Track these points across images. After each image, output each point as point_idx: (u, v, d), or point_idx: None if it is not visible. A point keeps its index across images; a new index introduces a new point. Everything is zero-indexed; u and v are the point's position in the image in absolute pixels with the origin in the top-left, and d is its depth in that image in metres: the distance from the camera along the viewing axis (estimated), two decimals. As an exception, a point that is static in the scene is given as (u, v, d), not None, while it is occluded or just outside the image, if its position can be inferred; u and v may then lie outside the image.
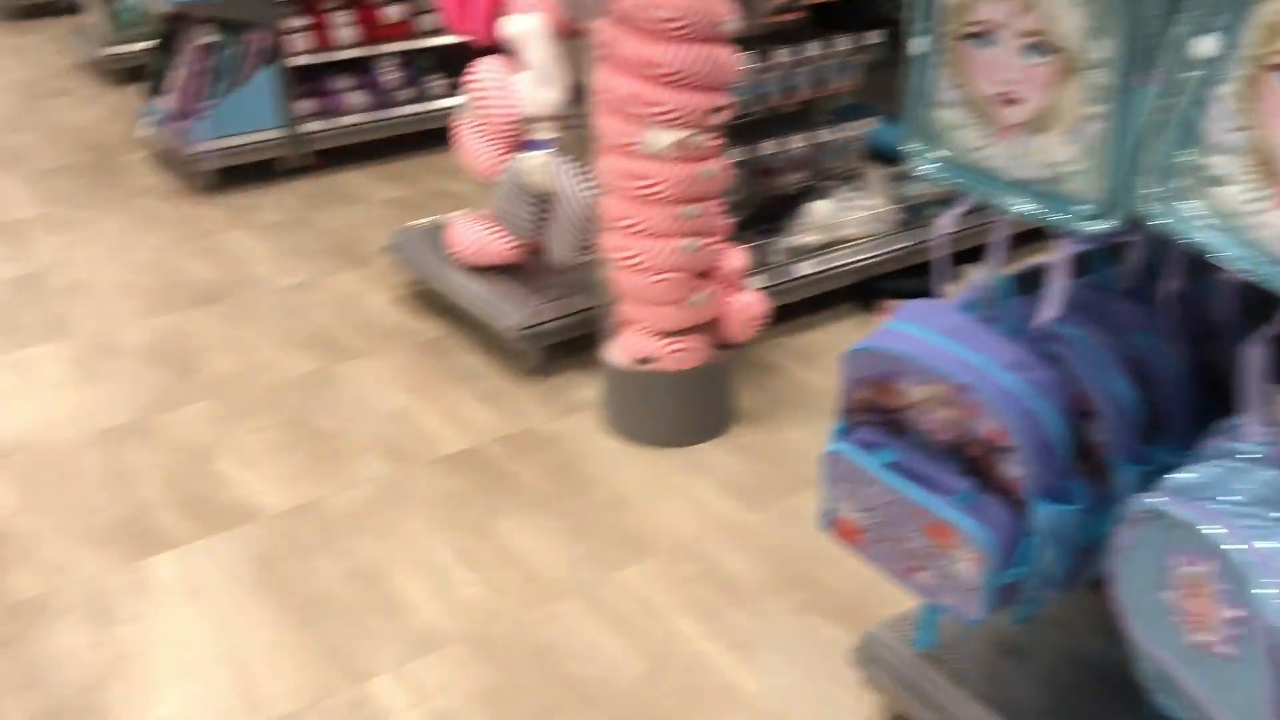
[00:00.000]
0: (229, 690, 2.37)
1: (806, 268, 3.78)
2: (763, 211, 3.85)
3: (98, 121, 6.21)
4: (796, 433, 3.25)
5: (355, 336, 3.90)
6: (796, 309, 3.78)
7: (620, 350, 3.20)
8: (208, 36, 5.09)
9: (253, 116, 5.21)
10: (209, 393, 3.54)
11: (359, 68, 5.54)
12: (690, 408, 3.24)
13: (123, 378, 3.63)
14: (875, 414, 1.85)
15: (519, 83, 3.45)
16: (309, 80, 5.37)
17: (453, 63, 5.18)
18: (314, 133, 5.36)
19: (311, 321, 4.01)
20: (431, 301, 4.10)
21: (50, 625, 2.56)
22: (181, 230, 4.84)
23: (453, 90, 5.12)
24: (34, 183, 5.45)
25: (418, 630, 2.53)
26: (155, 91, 5.48)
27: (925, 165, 1.75)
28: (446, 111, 4.86)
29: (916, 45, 1.71)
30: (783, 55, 3.64)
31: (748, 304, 3.22)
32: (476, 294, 3.70)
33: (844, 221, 3.90)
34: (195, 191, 5.27)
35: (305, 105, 5.37)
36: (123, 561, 2.76)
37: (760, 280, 3.55)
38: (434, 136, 5.18)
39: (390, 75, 5.61)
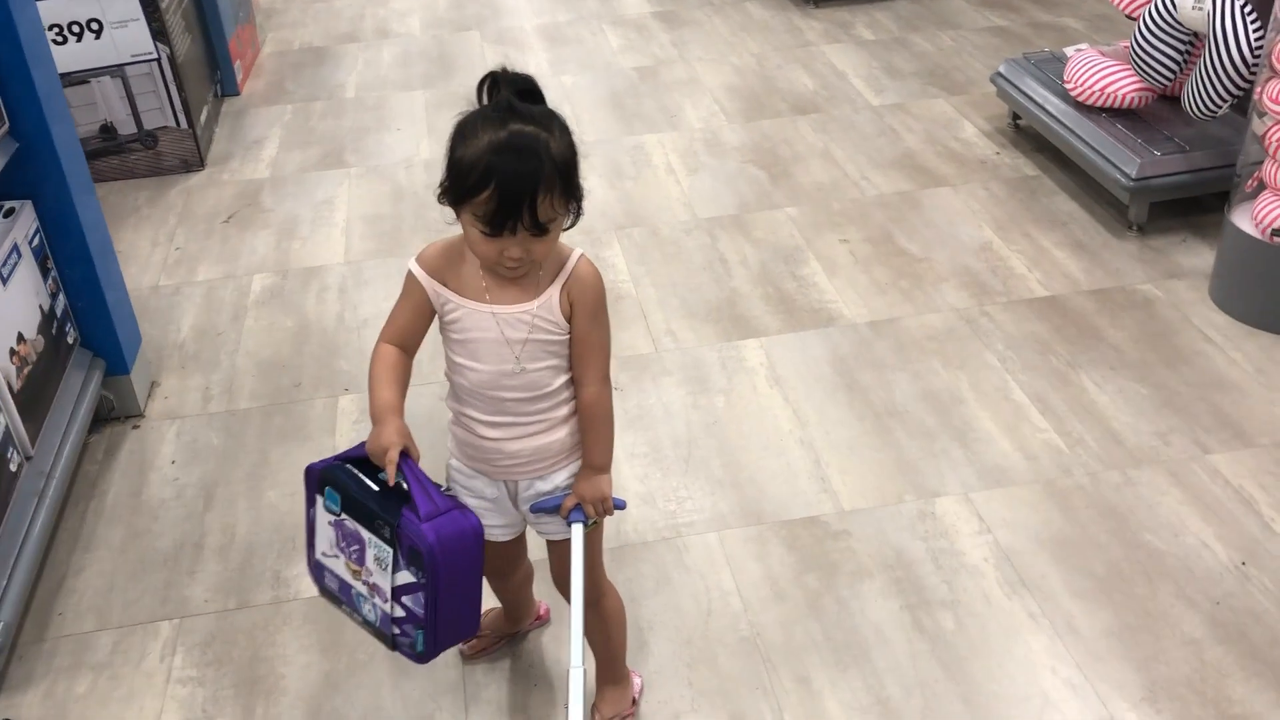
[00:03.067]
0: (805, 473, 2.53)
1: None
2: None
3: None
4: None
5: (944, 164, 3.84)
6: None
7: (1251, 218, 2.87)
8: None
9: (866, -71, 5.16)
10: (799, 199, 3.68)
11: (980, -117, 5.26)
12: (1323, 295, 2.86)
13: (723, 174, 3.87)
14: None
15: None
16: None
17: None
18: (922, -50, 5.21)
19: (901, 143, 4.00)
20: (1029, 138, 3.92)
21: (656, 381, 2.86)
22: (782, 39, 4.98)
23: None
24: (654, -19, 5.85)
25: (988, 463, 2.52)
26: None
27: None
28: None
29: None
30: None
31: None
32: (1086, 136, 3.47)
33: None
34: (797, 3, 5.39)
35: (918, -79, 5.22)
36: (717, 339, 3.00)
37: None
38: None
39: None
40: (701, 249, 3.42)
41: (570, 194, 1.57)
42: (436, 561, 1.55)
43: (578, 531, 1.70)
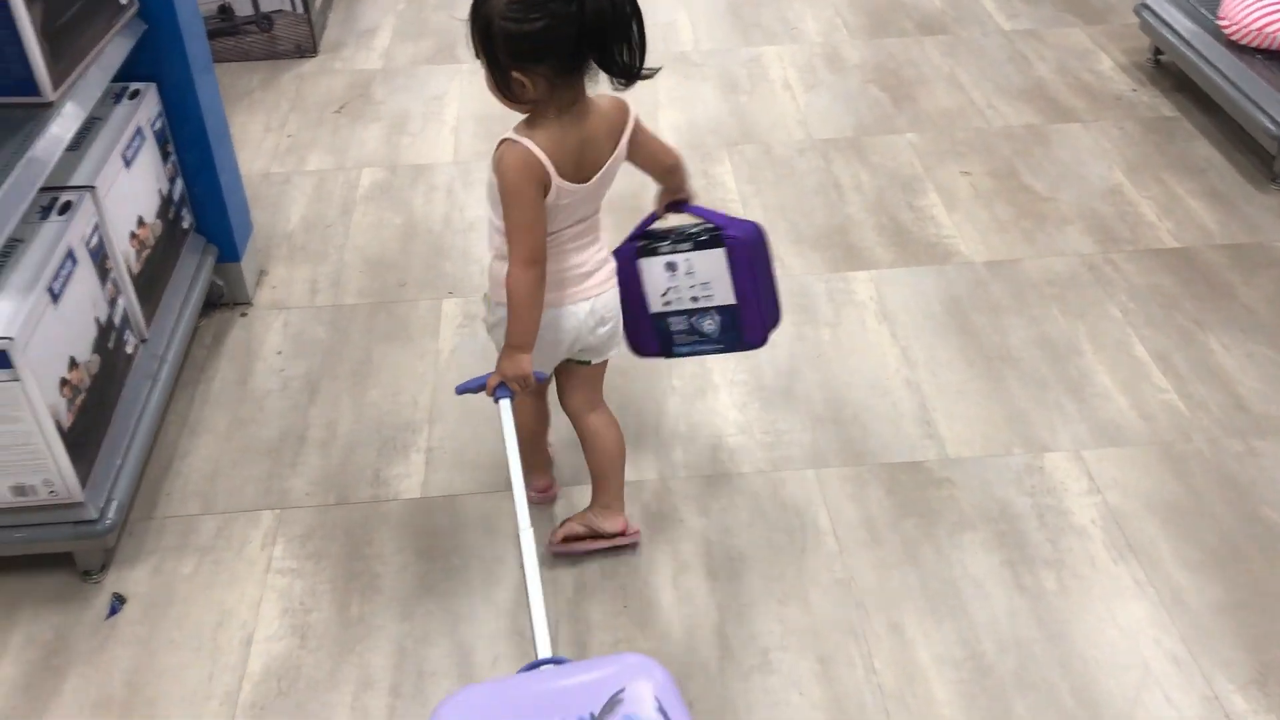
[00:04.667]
0: (910, 415, 2.46)
1: None
2: None
3: None
4: None
5: (1076, 98, 3.66)
6: None
7: None
8: None
9: None
10: (921, 124, 3.54)
11: None
12: None
13: (842, 93, 3.74)
14: None
15: None
16: None
17: None
18: None
19: (1032, 72, 3.81)
20: (1170, 75, 3.71)
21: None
22: (912, -48, 4.77)
23: None
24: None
25: (1103, 419, 2.44)
26: None
27: None
28: None
29: None
30: None
31: None
32: (1235, 77, 3.26)
33: None
34: (931, -87, 5.14)
35: None
36: (826, 268, 2.93)
37: None
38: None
39: None
40: (815, 171, 3.32)
41: (484, 50, 1.75)
42: (761, 243, 2.08)
43: (505, 406, 1.84)
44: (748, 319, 2.09)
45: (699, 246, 2.04)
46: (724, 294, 2.07)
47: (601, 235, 1.96)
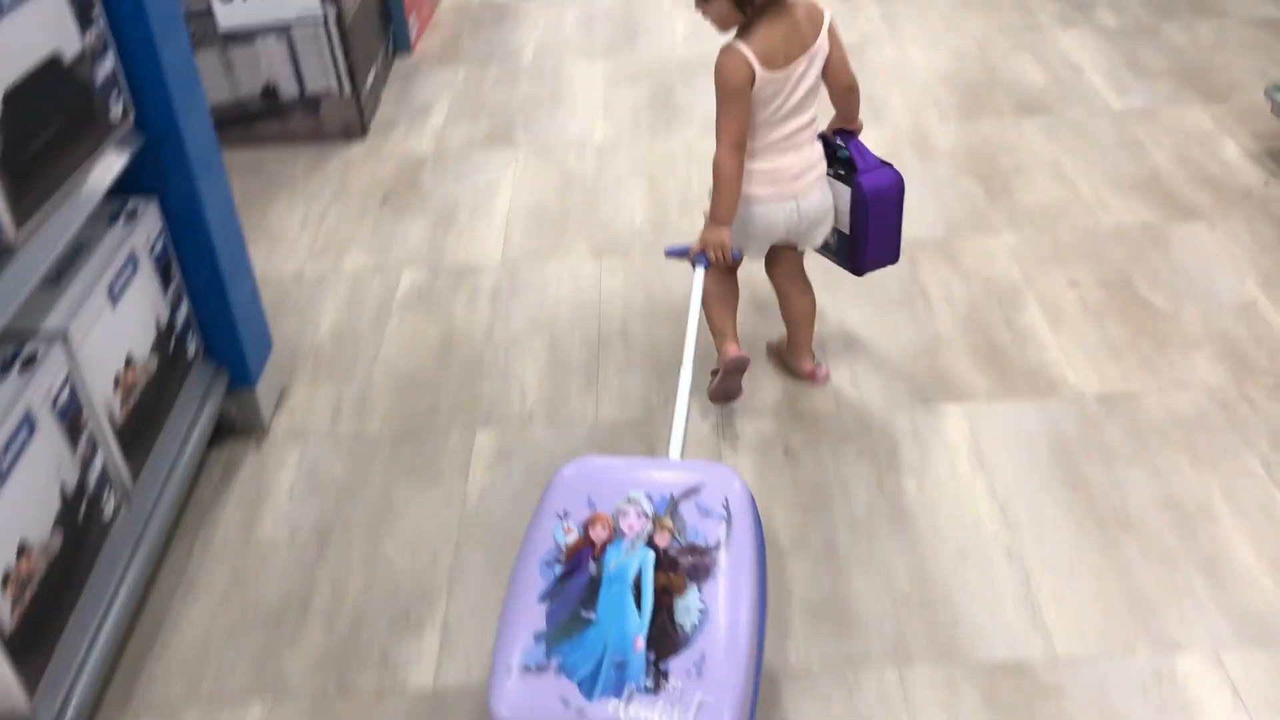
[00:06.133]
0: (1011, 595, 2.08)
1: None
2: None
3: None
4: None
5: (1199, 192, 3.24)
6: None
7: None
8: None
9: (1120, -105, 4.48)
10: (1021, 222, 3.16)
11: None
12: None
13: (930, 184, 3.38)
14: None
15: None
16: None
17: None
18: (1186, -78, 4.51)
19: (1146, 161, 3.41)
20: (1308, 167, 3.29)
21: (834, 449, 2.45)
22: (1009, 19, 4.39)
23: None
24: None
25: (1246, 610, 2.03)
26: None
27: None
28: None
29: None
30: None
31: None
32: (1390, 177, 2.85)
33: None
34: (1030, -25, 4.76)
35: (1184, -113, 4.51)
36: (911, 398, 2.56)
37: None
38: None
39: None
40: (899, 278, 2.96)
41: None
42: (887, 199, 2.38)
43: (699, 273, 2.26)
44: (857, 250, 2.43)
45: (837, 177, 2.36)
46: (844, 223, 2.41)
47: (814, 145, 2.29)
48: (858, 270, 2.49)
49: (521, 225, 3.30)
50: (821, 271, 2.63)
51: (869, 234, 2.39)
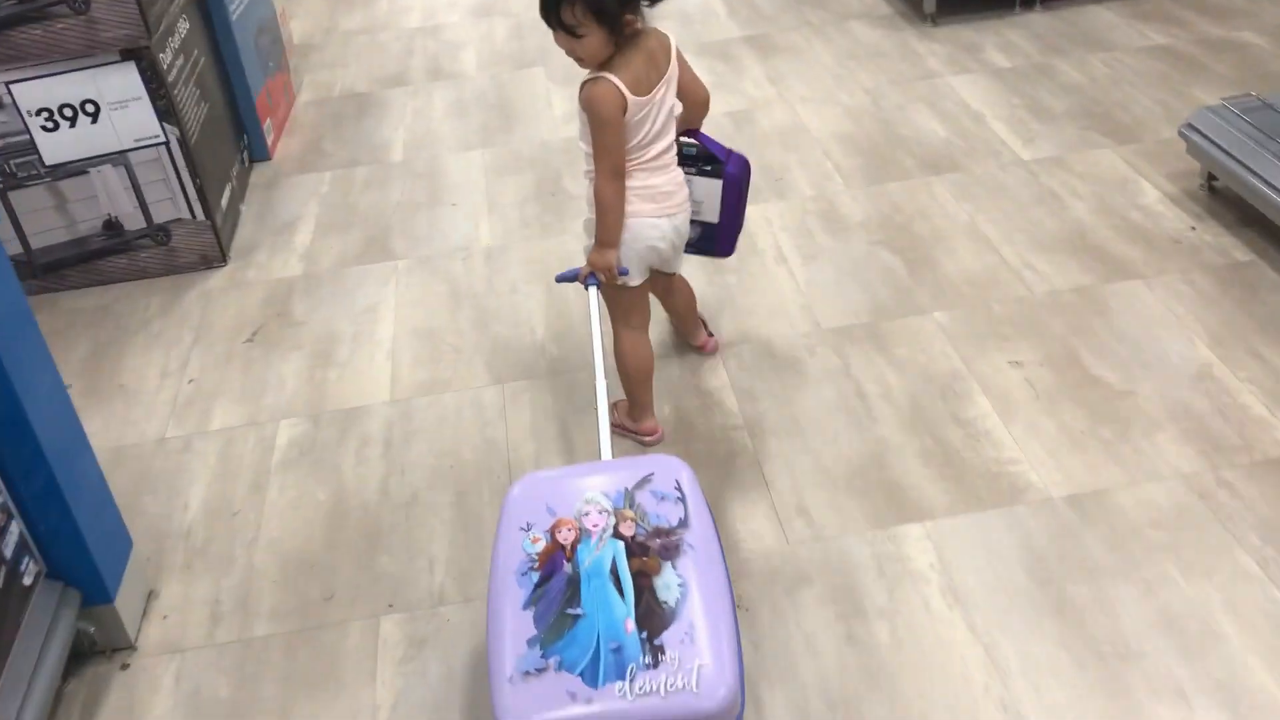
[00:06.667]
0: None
1: None
2: None
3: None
4: None
5: (1127, 245, 3.07)
6: None
7: None
8: None
9: (995, -67, 4.37)
10: (948, 297, 2.94)
11: None
12: None
13: (847, 261, 3.14)
14: None
15: None
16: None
17: None
18: (1062, -45, 4.41)
19: (1067, 215, 3.23)
20: (1231, 205, 3.14)
21: (791, 596, 2.17)
22: (899, 68, 4.22)
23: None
24: (741, -3, 5.12)
25: (1277, 750, 1.80)
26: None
27: None
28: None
29: None
30: None
31: None
32: (1327, 219, 2.70)
33: None
34: (912, 19, 4.62)
35: (1055, -81, 4.42)
36: (867, 522, 2.30)
37: None
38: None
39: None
40: (830, 375, 2.71)
41: (596, 10, 2.07)
42: (747, 178, 2.50)
43: (593, 293, 2.35)
44: (727, 234, 2.57)
45: (701, 174, 2.46)
46: (712, 213, 2.52)
47: (678, 169, 2.35)
48: (728, 251, 2.63)
49: (410, 353, 2.97)
50: (746, 379, 2.36)
51: (739, 214, 2.55)
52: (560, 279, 2.43)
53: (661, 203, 2.30)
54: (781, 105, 4.05)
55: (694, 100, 2.36)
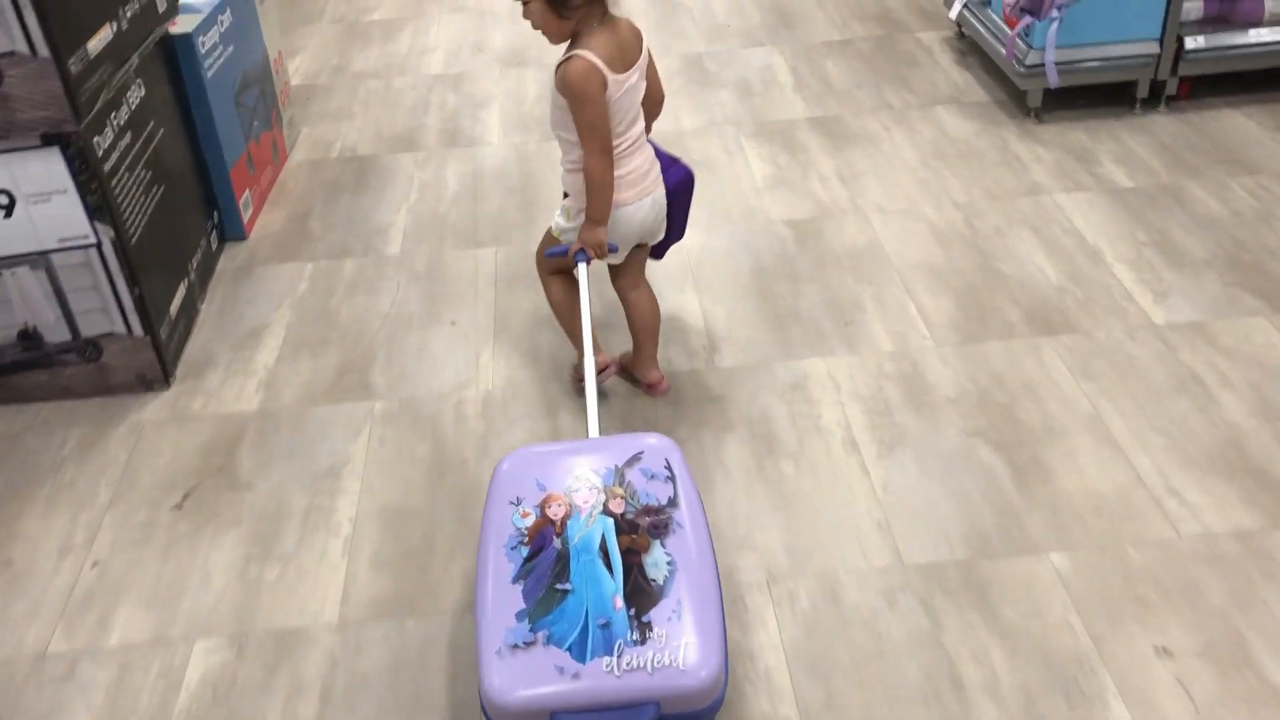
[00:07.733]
0: None
1: None
2: None
3: (885, -18, 5.02)
4: None
5: (1300, 466, 2.39)
6: None
7: None
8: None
9: (1124, 20, 3.68)
10: (1067, 532, 2.26)
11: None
12: None
13: (935, 459, 2.47)
14: None
15: None
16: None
17: None
18: (1197, 51, 3.73)
19: (1216, 412, 2.55)
20: None
21: None
22: (997, 176, 3.55)
23: None
24: (803, 61, 4.44)
25: None
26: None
27: None
28: None
29: None
30: None
31: None
32: None
33: None
34: (1012, 110, 3.94)
35: (1191, 7, 3.74)
36: None
37: None
38: None
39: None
40: (916, 643, 2.04)
41: None
42: (691, 188, 2.60)
43: (583, 269, 2.41)
44: (667, 236, 2.59)
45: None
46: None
47: (649, 146, 2.42)
48: (660, 254, 2.68)
49: (371, 547, 2.33)
50: (804, 641, 1.71)
51: (678, 226, 2.62)
52: (549, 255, 2.50)
53: (639, 185, 2.39)
54: (855, 216, 3.39)
55: (653, 100, 2.42)
